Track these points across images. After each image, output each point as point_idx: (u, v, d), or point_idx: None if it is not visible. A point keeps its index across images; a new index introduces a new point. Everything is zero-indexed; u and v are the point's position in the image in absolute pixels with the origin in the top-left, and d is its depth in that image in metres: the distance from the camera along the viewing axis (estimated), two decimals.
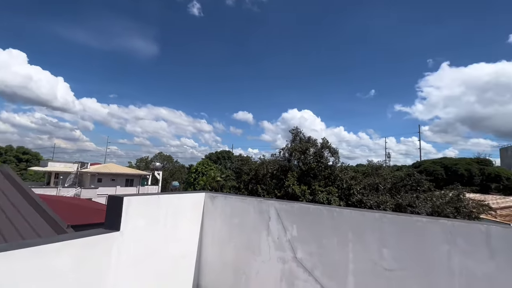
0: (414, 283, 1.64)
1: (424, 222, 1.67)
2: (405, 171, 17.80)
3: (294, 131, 20.59)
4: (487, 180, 48.14)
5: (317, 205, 2.06)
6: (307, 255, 2.02)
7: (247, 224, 2.38)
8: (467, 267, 1.52)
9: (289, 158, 19.81)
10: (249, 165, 22.24)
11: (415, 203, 13.95)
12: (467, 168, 49.64)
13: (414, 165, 58.24)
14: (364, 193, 15.90)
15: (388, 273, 1.72)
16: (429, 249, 1.63)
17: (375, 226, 1.80)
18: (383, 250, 1.75)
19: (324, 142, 18.06)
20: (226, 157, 65.02)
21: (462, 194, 14.10)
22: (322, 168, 17.89)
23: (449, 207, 13.40)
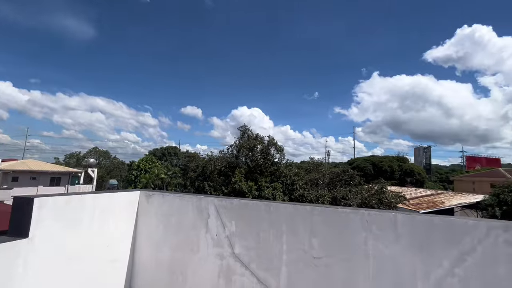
0: (338, 268, 1.82)
1: (347, 213, 1.86)
2: (341, 167, 19.75)
3: (243, 128, 20.79)
4: (404, 174, 56.85)
5: (256, 200, 2.11)
6: (244, 249, 2.06)
7: (185, 222, 2.30)
8: (378, 250, 1.76)
9: (237, 155, 19.94)
10: (196, 162, 21.67)
11: (348, 196, 15.60)
12: (389, 164, 57.68)
13: (349, 162, 65.06)
14: (305, 188, 17.06)
15: (317, 261, 1.87)
16: (350, 236, 1.83)
17: (307, 218, 1.94)
18: (313, 240, 1.90)
19: (270, 140, 18.70)
20: (173, 153, 61.96)
21: (385, 187, 16.34)
22: (269, 165, 18.53)
23: (374, 199, 15.40)
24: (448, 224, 1.66)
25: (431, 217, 1.70)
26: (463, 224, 1.64)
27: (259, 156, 18.81)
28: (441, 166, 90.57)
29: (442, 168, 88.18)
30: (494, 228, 1.59)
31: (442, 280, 1.63)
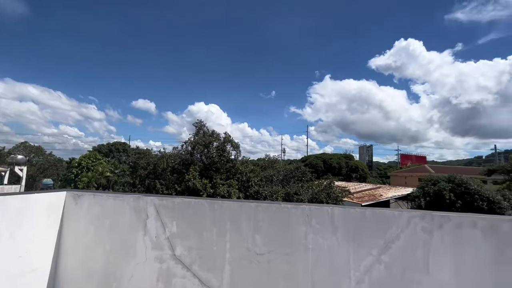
0: (279, 262, 1.85)
1: (289, 208, 1.90)
2: (294, 164, 20.62)
3: (198, 124, 20.19)
4: (350, 171, 62.13)
5: (199, 198, 2.02)
6: (186, 250, 1.95)
7: (120, 224, 2.09)
8: (317, 243, 1.83)
9: (191, 151, 19.30)
10: (147, 159, 20.33)
11: (300, 191, 16.38)
12: (338, 161, 62.39)
13: (302, 159, 68.46)
14: (260, 184, 17.38)
15: (260, 257, 1.87)
16: (292, 231, 1.87)
17: (251, 215, 1.92)
18: (256, 237, 1.89)
19: (226, 137, 18.54)
20: (121, 149, 57.06)
21: (333, 183, 17.57)
22: (224, 162, 18.36)
23: (323, 193, 16.45)
24: (377, 215, 1.81)
25: (363, 210, 1.82)
26: (389, 215, 1.79)
27: (215, 153, 18.51)
28: (380, 163, 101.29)
29: (381, 165, 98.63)
30: (413, 217, 1.77)
31: (371, 267, 1.77)
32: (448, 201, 15.87)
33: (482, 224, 1.72)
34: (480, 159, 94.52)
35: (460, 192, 15.97)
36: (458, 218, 1.74)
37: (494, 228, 1.71)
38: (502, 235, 1.71)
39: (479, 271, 1.70)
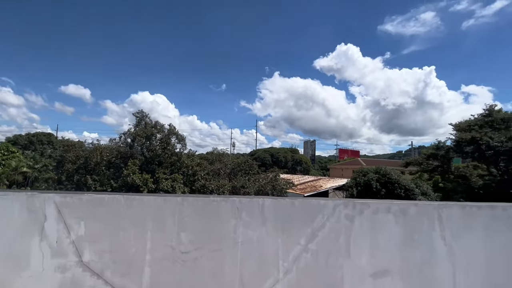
0: (206, 259, 1.72)
1: (219, 201, 1.77)
2: (242, 158, 20.76)
3: (139, 114, 18.56)
4: (295, 164, 65.85)
5: (114, 194, 1.74)
6: (97, 255, 1.67)
7: (8, 228, 1.67)
8: (247, 236, 1.76)
9: (131, 144, 17.69)
10: (76, 152, 17.87)
11: (247, 184, 16.58)
12: (284, 155, 65.41)
13: (251, 153, 69.72)
14: (207, 178, 17.00)
15: (185, 256, 1.71)
16: (221, 225, 1.76)
17: (176, 210, 1.74)
18: (182, 234, 1.72)
19: (171, 128, 17.53)
20: (46, 141, 49.10)
21: (278, 175, 18.27)
22: (169, 155, 17.36)
23: (269, 186, 16.98)
24: (305, 205, 1.82)
25: (293, 200, 1.82)
26: (316, 204, 1.83)
27: (158, 145, 17.34)
28: (322, 157, 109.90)
29: (322, 158, 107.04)
30: (338, 205, 1.84)
31: (299, 256, 1.78)
32: (375, 190, 18.10)
33: (394, 209, 1.89)
34: (400, 153, 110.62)
35: (384, 182, 18.35)
36: (375, 204, 1.87)
37: (404, 212, 1.89)
38: (410, 218, 1.90)
39: (390, 252, 1.86)
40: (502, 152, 19.50)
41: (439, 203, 1.94)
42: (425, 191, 18.36)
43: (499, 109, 21.91)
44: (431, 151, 24.08)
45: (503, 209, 1.97)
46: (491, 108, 22.05)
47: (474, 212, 1.95)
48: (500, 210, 1.96)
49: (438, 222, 1.90)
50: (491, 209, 1.96)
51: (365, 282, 1.80)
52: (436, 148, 23.81)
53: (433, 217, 1.91)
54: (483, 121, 21.60)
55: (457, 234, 1.91)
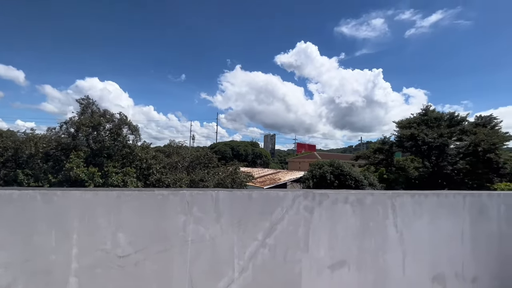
0: (150, 263, 1.48)
1: (166, 195, 1.54)
2: (201, 151, 20.11)
3: (85, 101, 16.60)
4: (255, 157, 66.68)
5: (27, 189, 1.38)
6: (2, 267, 1.30)
7: None
8: (198, 233, 1.56)
9: (75, 134, 15.77)
10: (3, 142, 15.28)
11: (206, 178, 16.14)
12: (245, 149, 65.71)
13: (211, 146, 68.56)
14: (163, 172, 16.08)
15: (123, 261, 1.44)
16: (168, 222, 1.52)
17: (112, 207, 1.45)
18: (119, 235, 1.45)
19: (122, 118, 16.08)
20: None
21: (238, 168, 18.15)
22: (120, 147, 15.94)
23: (228, 179, 16.78)
24: (264, 197, 1.69)
25: (250, 192, 1.67)
26: (275, 196, 1.70)
27: (107, 136, 15.77)
28: (281, 150, 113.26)
29: (282, 152, 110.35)
30: (298, 196, 1.74)
31: (256, 252, 1.64)
32: (329, 181, 19.21)
33: (352, 199, 1.87)
34: (351, 148, 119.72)
35: (337, 174, 19.58)
36: (334, 194, 1.82)
37: (361, 202, 1.88)
38: (366, 207, 1.90)
39: (347, 242, 1.84)
40: (434, 148, 22.33)
41: (392, 192, 1.98)
42: (372, 182, 20.10)
43: (433, 109, 24.96)
44: (377, 146, 26.47)
45: (446, 196, 2.10)
46: (427, 108, 25.01)
47: (422, 200, 2.04)
48: (444, 198, 2.09)
49: (392, 210, 1.95)
50: (437, 197, 2.07)
51: (323, 274, 1.76)
52: (382, 143, 26.24)
53: (387, 206, 1.95)
54: (420, 120, 24.38)
55: (407, 222, 1.98)
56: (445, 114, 24.43)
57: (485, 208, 2.24)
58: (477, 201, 2.21)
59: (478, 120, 23.33)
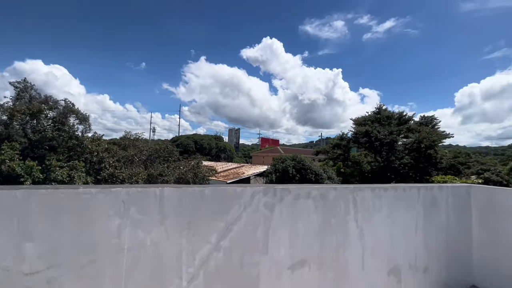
0: (69, 279, 1.17)
1: (94, 194, 1.23)
2: (161, 144, 18.98)
3: (21, 85, 14.45)
4: (219, 151, 65.80)
5: None
6: None
7: None
8: (137, 238, 1.29)
9: (8, 122, 13.63)
10: None
11: (165, 172, 15.31)
12: (209, 142, 64.38)
13: (173, 139, 65.75)
14: (117, 166, 14.83)
15: (31, 279, 1.11)
16: (96, 227, 1.22)
17: (16, 210, 1.11)
18: (26, 246, 1.11)
19: (68, 106, 14.37)
20: None
21: (200, 162, 17.60)
22: (65, 138, 14.24)
23: (190, 173, 16.17)
24: (219, 194, 1.48)
25: (203, 189, 1.44)
26: (232, 193, 1.50)
27: (50, 126, 13.95)
28: (245, 145, 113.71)
29: (246, 146, 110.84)
30: (257, 192, 1.57)
31: (208, 257, 1.43)
32: (291, 175, 19.72)
33: (315, 194, 1.76)
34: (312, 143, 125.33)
35: (299, 168, 20.19)
36: (296, 189, 1.69)
37: (323, 197, 1.78)
38: (329, 202, 1.80)
39: (309, 240, 1.73)
40: (385, 144, 24.32)
41: (354, 186, 1.92)
42: (330, 175, 21.16)
43: (385, 109, 27.10)
44: (336, 142, 27.99)
45: (403, 189, 2.12)
46: (380, 107, 27.06)
47: (382, 194, 2.03)
48: (401, 191, 2.11)
49: (353, 205, 1.89)
50: (395, 190, 2.08)
51: (282, 276, 1.62)
52: (340, 139, 27.79)
53: (349, 200, 1.88)
54: (374, 118, 26.31)
55: (367, 216, 1.95)
56: (395, 113, 26.72)
57: (436, 200, 2.34)
58: (429, 194, 2.29)
59: (422, 120, 25.99)
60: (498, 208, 2.44)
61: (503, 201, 2.42)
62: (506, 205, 2.39)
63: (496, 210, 2.46)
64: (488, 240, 2.50)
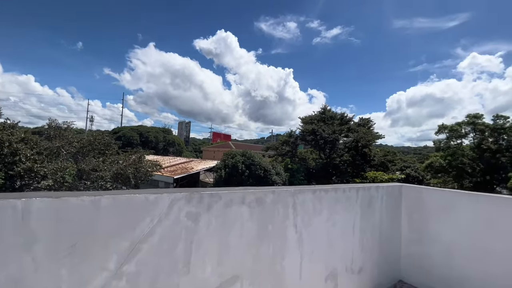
0: None
1: None
2: (95, 135, 16.76)
3: None
4: (167, 145, 62.19)
5: None
6: None
7: None
8: None
9: None
10: None
11: (100, 167, 13.61)
12: (156, 135, 60.23)
13: (114, 130, 59.60)
14: (38, 159, 12.57)
15: None
16: None
17: None
18: None
19: None
20: None
21: (143, 156, 16.17)
22: None
23: (130, 168, 14.71)
24: (122, 204, 1.12)
25: (97, 198, 1.06)
26: (142, 202, 1.16)
27: None
28: (196, 139, 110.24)
29: (197, 140, 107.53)
30: (177, 200, 1.25)
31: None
32: (240, 171, 19.65)
33: (250, 199, 1.52)
34: (263, 139, 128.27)
35: (249, 164, 20.24)
36: (228, 194, 1.43)
37: (260, 202, 1.56)
38: (266, 207, 1.60)
39: (242, 252, 1.50)
40: (328, 142, 26.14)
41: (294, 189, 1.76)
42: (278, 171, 21.79)
43: (329, 110, 29.11)
44: (285, 139, 29.01)
45: (343, 191, 2.06)
46: (325, 108, 28.96)
47: (323, 196, 1.92)
48: (341, 192, 2.04)
49: (292, 209, 1.73)
50: (335, 192, 2.00)
51: None
52: (288, 136, 28.88)
53: (288, 204, 1.71)
54: (320, 117, 28.02)
55: (307, 220, 1.81)
56: (338, 114, 28.92)
57: (373, 200, 2.37)
58: (367, 194, 2.30)
59: (360, 121, 28.72)
60: (424, 206, 2.62)
61: (428, 199, 2.60)
62: (431, 204, 2.57)
63: (422, 208, 2.63)
64: (414, 237, 2.67)
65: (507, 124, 21.36)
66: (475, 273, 2.23)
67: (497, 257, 2.17)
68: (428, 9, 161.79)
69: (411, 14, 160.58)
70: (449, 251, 2.41)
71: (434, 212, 2.54)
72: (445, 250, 2.43)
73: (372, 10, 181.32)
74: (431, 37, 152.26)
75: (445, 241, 2.44)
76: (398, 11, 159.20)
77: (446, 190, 2.56)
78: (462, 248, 2.33)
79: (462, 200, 2.39)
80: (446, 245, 2.43)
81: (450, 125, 23.79)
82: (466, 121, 22.97)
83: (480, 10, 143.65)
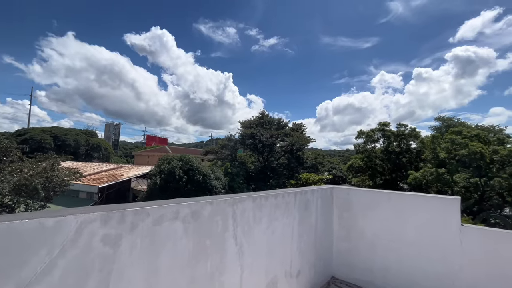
0: None
1: None
2: None
3: None
4: (91, 150, 54.45)
5: None
6: None
7: None
8: None
9: None
10: None
11: None
12: (75, 138, 52.08)
13: (19, 132, 49.15)
14: None
15: None
16: None
17: None
18: None
19: None
20: None
21: (57, 163, 13.69)
22: None
23: (40, 178, 12.24)
24: (8, 235, 0.82)
25: None
26: (34, 230, 0.88)
27: None
28: (127, 143, 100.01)
29: (128, 144, 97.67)
30: (89, 222, 1.00)
31: None
32: (178, 177, 18.58)
33: (185, 213, 1.36)
34: (202, 143, 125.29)
35: (187, 169, 19.33)
36: (158, 210, 1.24)
37: (196, 216, 1.41)
38: (203, 221, 1.45)
39: (174, 274, 1.31)
40: (267, 146, 27.20)
41: (234, 198, 1.66)
42: (218, 176, 21.46)
43: (267, 115, 30.40)
44: (224, 143, 28.94)
45: (282, 196, 2.06)
46: (263, 113, 30.11)
47: (263, 203, 1.87)
48: (281, 198, 2.04)
49: (232, 220, 1.62)
50: (275, 198, 1.98)
51: None
52: (228, 140, 28.91)
53: (228, 215, 1.60)
54: (258, 122, 28.96)
55: (247, 230, 1.73)
56: (275, 119, 30.44)
57: (309, 203, 2.46)
58: (304, 198, 2.37)
59: (294, 126, 30.84)
60: (352, 206, 2.88)
61: (354, 199, 2.87)
62: (357, 203, 2.84)
63: (350, 207, 2.89)
64: (344, 234, 2.91)
65: (406, 131, 26.16)
66: (393, 263, 2.55)
67: (407, 244, 2.52)
68: (349, 30, 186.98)
69: (336, 33, 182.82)
70: (373, 244, 2.69)
71: (360, 210, 2.81)
72: (370, 244, 2.71)
73: (304, 25, 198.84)
74: (351, 55, 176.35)
75: (369, 236, 2.72)
76: (325, 29, 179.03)
77: (369, 190, 2.87)
78: (383, 241, 2.63)
79: (381, 199, 2.71)
80: (370, 240, 2.71)
81: (366, 131, 27.66)
82: (377, 128, 27.11)
83: (385, 36, 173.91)
